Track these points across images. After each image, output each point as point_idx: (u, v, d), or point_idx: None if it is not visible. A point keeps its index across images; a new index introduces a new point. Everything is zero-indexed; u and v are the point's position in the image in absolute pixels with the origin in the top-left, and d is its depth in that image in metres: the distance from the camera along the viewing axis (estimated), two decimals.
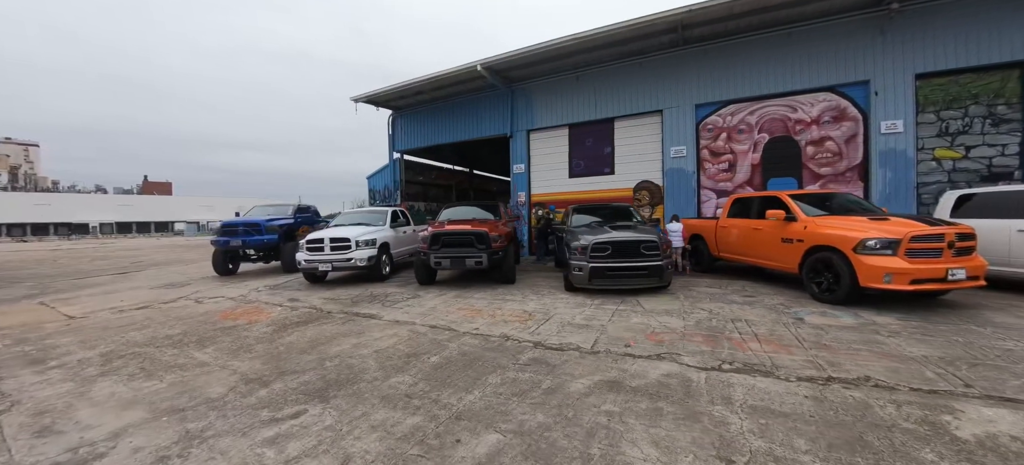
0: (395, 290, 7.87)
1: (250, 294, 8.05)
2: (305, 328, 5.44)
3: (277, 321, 5.87)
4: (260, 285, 9.11)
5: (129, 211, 68.66)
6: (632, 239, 6.80)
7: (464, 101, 14.48)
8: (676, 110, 11.36)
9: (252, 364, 4.11)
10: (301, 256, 8.27)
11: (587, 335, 4.81)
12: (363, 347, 4.58)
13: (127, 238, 55.31)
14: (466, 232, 7.61)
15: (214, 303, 7.35)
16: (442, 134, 15.18)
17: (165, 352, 4.59)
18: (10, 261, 17.74)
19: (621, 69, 11.94)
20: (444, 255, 7.49)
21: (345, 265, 8.03)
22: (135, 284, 10.17)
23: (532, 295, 7.13)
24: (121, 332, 5.53)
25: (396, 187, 16.41)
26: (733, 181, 11.00)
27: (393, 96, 14.68)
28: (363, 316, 6.00)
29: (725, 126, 11.04)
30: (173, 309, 6.92)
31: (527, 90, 13.24)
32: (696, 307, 6.05)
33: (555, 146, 13.02)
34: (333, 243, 8.14)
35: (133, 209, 69.33)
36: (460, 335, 4.95)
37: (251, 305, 7.03)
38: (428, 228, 8.08)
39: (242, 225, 10.36)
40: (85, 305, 7.57)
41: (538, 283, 8.29)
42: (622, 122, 12.11)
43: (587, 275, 6.70)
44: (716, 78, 10.97)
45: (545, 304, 6.41)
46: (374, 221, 9.70)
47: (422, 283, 8.09)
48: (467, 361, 4.07)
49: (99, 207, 67.24)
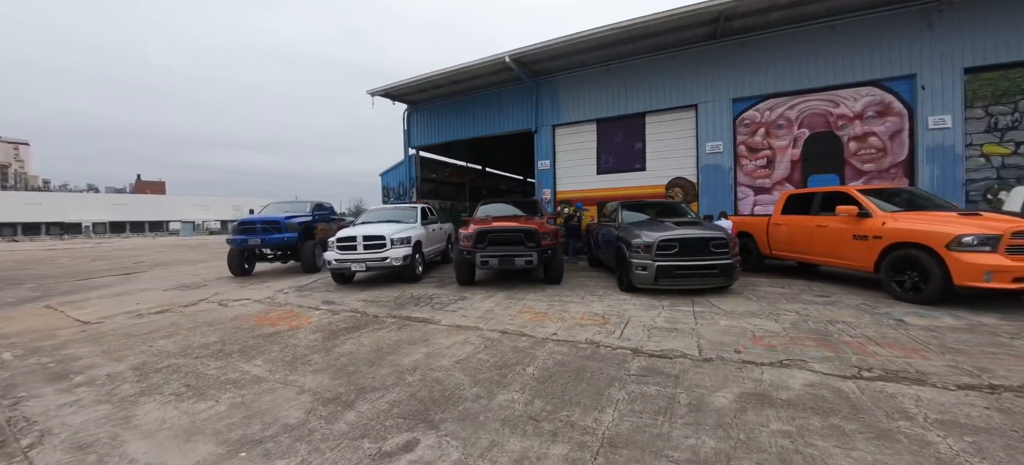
0: (436, 291, 7.23)
1: (277, 296, 7.36)
2: (358, 335, 4.80)
3: (322, 327, 5.22)
4: (285, 286, 8.41)
5: (123, 210, 66.76)
6: (701, 236, 6.26)
7: (485, 95, 13.86)
8: (712, 104, 10.87)
9: (319, 379, 3.48)
10: (331, 255, 7.60)
11: (684, 340, 4.27)
12: (439, 357, 3.96)
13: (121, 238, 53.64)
14: (515, 229, 7.02)
15: (241, 306, 6.66)
16: (460, 129, 14.54)
17: (208, 365, 3.93)
18: (5, 261, 16.71)
19: (653, 62, 11.42)
20: (492, 254, 6.88)
21: (379, 265, 7.38)
22: (144, 285, 9.40)
23: (589, 296, 6.56)
24: (147, 340, 4.84)
25: (412, 184, 15.72)
26: (771, 178, 10.55)
27: (410, 90, 14.01)
28: (417, 321, 5.37)
29: (763, 121, 10.58)
30: (197, 313, 6.23)
31: (553, 84, 12.67)
32: (777, 308, 5.54)
33: (582, 142, 12.46)
34: (367, 241, 7.48)
35: (127, 208, 67.43)
36: (541, 341, 4.35)
37: (284, 309, 6.35)
38: (470, 225, 7.47)
39: (260, 223, 9.64)
40: (97, 309, 6.83)
41: (586, 283, 7.72)
42: (654, 117, 11.60)
43: (653, 274, 6.15)
44: (754, 72, 10.50)
45: (611, 306, 5.84)
46: (405, 218, 9.05)
47: (463, 283, 7.47)
48: (571, 372, 3.49)
49: (92, 206, 65.29)
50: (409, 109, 15.60)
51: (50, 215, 59.82)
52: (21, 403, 3.18)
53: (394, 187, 16.43)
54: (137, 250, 23.88)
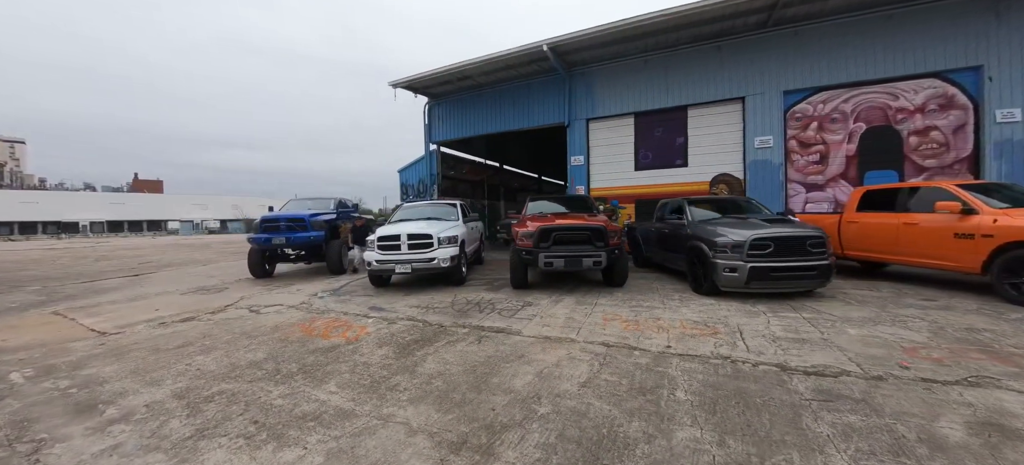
0: (491, 295, 6.46)
1: (313, 301, 6.56)
2: (435, 350, 4.03)
3: (385, 339, 4.44)
4: (317, 289, 7.60)
5: (120, 209, 65.16)
6: (798, 234, 5.56)
7: (513, 88, 13.09)
8: (761, 97, 10.19)
9: (423, 412, 2.72)
10: (371, 255, 6.80)
11: (826, 353, 3.64)
12: (555, 379, 3.21)
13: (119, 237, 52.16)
14: (583, 227, 6.29)
15: (276, 313, 5.85)
16: (485, 124, 13.76)
17: (269, 392, 3.14)
18: (4, 262, 15.68)
19: (696, 52, 10.73)
20: (557, 254, 6.13)
21: (425, 266, 6.60)
22: (158, 288, 8.54)
23: (667, 300, 5.82)
24: (181, 356, 4.04)
25: (432, 181, 14.92)
26: (825, 174, 9.89)
27: (435, 81, 13.22)
28: (494, 331, 4.61)
29: (816, 115, 9.92)
30: (229, 322, 5.42)
31: (587, 75, 11.94)
32: (891, 313, 4.88)
33: (619, 136, 11.75)
34: (412, 240, 6.70)
35: (124, 207, 65.84)
36: (660, 357, 3.63)
37: (328, 317, 5.55)
38: (526, 223, 6.72)
39: (285, 220, 8.80)
40: (112, 316, 5.99)
41: (649, 285, 6.98)
42: (697, 110, 10.90)
43: (745, 276, 5.43)
44: (807, 63, 9.84)
45: (703, 312, 5.11)
46: (446, 215, 8.28)
47: (517, 287, 6.72)
48: (732, 397, 2.79)
49: (89, 205, 63.66)
50: (430, 103, 14.80)
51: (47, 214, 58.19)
52: (43, 450, 2.39)
53: (413, 184, 15.62)
54: (139, 250, 22.84)
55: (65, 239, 45.82)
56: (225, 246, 25.49)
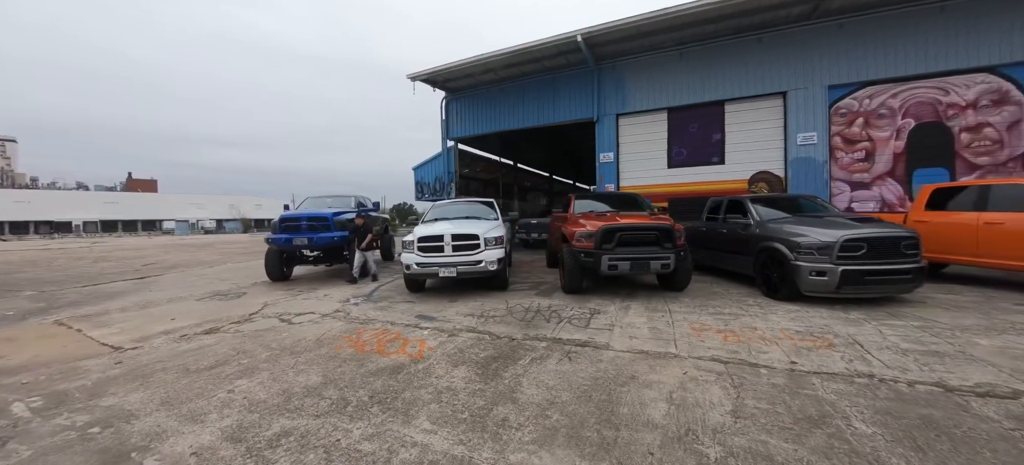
0: (546, 300, 5.81)
1: (349, 308, 5.88)
2: (523, 370, 3.39)
3: (453, 356, 3.79)
4: (346, 294, 6.92)
5: (114, 209, 63.50)
6: (891, 235, 5.01)
7: (537, 82, 12.46)
8: (804, 92, 9.67)
9: (565, 459, 2.07)
10: (410, 258, 6.13)
11: (981, 369, 3.23)
12: (693, 407, 2.61)
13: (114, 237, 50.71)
14: (650, 227, 5.69)
15: (313, 323, 5.16)
16: (506, 119, 13.11)
17: (347, 430, 2.49)
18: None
19: (735, 45, 10.18)
20: (623, 256, 5.52)
21: (472, 270, 5.95)
22: (169, 293, 7.78)
23: (746, 306, 5.22)
24: (218, 380, 3.35)
25: (450, 178, 14.24)
26: (871, 172, 9.39)
27: (456, 74, 12.54)
28: (577, 344, 3.97)
29: (862, 110, 9.41)
30: (261, 334, 4.72)
31: (617, 69, 11.35)
32: (999, 319, 4.38)
33: (651, 132, 11.17)
34: (457, 241, 6.04)
35: (119, 207, 64.16)
36: (798, 376, 3.05)
37: (374, 328, 4.88)
38: (584, 223, 6.10)
39: (306, 219, 8.08)
40: (124, 326, 5.27)
41: (712, 290, 6.37)
42: (735, 105, 10.36)
43: (837, 280, 4.86)
44: (852, 56, 9.33)
45: (798, 320, 4.51)
46: (484, 215, 7.63)
47: (572, 291, 6.09)
48: (930, 430, 2.23)
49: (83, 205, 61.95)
50: (448, 97, 14.11)
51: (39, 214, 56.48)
52: None
53: (429, 182, 14.92)
54: (140, 250, 21.85)
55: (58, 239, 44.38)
56: (227, 246, 24.59)
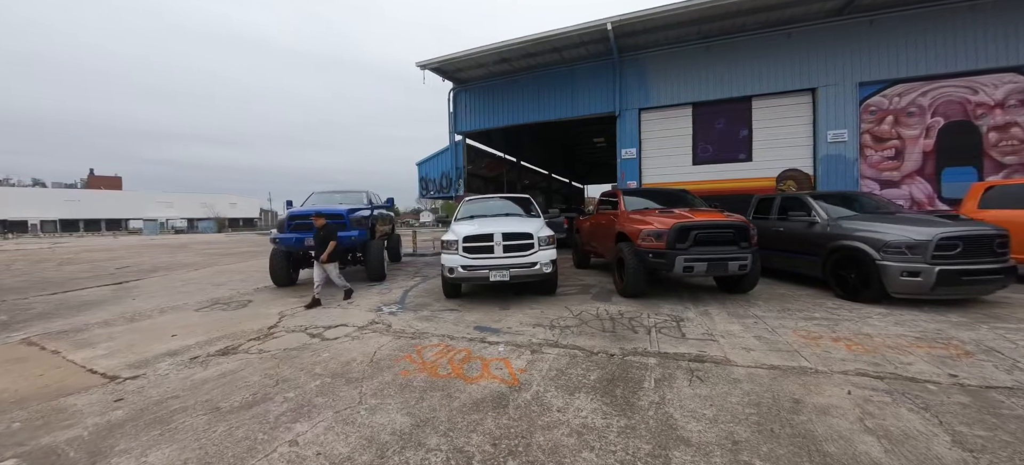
0: (611, 306, 5.15)
1: (386, 319, 5.04)
2: (659, 398, 2.73)
3: (556, 379, 3.07)
4: (374, 301, 6.06)
5: (75, 207, 58.80)
6: (985, 232, 4.64)
7: (554, 74, 11.79)
8: (834, 89, 9.40)
9: None
10: (454, 260, 5.33)
11: None
12: (905, 440, 2.03)
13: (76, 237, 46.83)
14: (727, 225, 5.12)
15: (351, 339, 4.31)
16: (519, 113, 12.38)
17: None
18: None
19: (763, 39, 9.83)
20: (699, 257, 4.93)
21: (526, 273, 5.22)
22: (157, 301, 6.69)
23: (833, 310, 4.72)
24: (267, 424, 2.53)
25: (458, 174, 13.39)
26: (901, 170, 9.21)
27: (468, 63, 11.72)
28: (691, 360, 3.34)
29: (892, 108, 9.22)
30: (296, 356, 3.86)
31: (639, 62, 10.82)
32: None
33: (675, 127, 10.70)
34: (508, 241, 5.29)
35: (80, 205, 59.43)
36: (978, 393, 2.54)
37: (433, 343, 4.09)
38: (650, 221, 5.46)
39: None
40: (113, 346, 4.28)
41: (774, 292, 5.86)
42: (762, 101, 10.01)
43: (932, 281, 4.45)
44: (882, 53, 9.12)
45: (904, 324, 4.03)
46: (525, 211, 6.90)
47: (633, 295, 5.46)
48: None
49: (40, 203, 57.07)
50: (455, 89, 13.24)
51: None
52: None
53: (435, 178, 14.00)
54: (109, 252, 19.87)
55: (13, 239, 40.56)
56: (206, 247, 22.83)
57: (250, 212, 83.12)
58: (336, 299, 6.23)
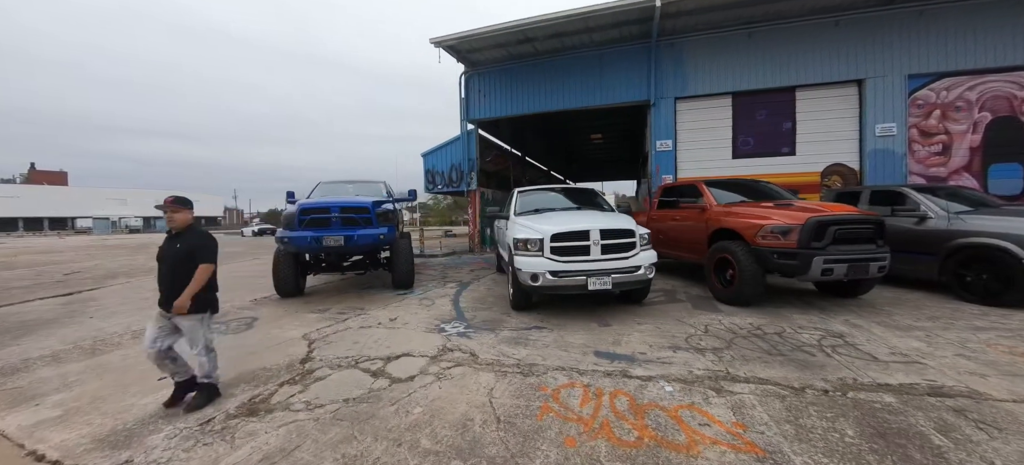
0: (737, 319, 4.13)
1: (469, 345, 3.80)
2: (940, 458, 1.67)
3: (791, 438, 2.00)
4: (425, 319, 4.76)
5: (14, 204, 52.31)
6: None
7: (581, 57, 10.73)
8: (882, 81, 8.88)
9: None
10: (538, 264, 4.14)
11: None
12: None
13: (14, 237, 41.47)
14: (867, 220, 4.23)
15: (429, 376, 3.07)
16: (540, 100, 11.24)
17: None
18: None
19: (810, 27, 9.19)
20: (839, 257, 4.01)
21: (629, 279, 4.14)
22: (123, 320, 5.13)
23: (979, 316, 3.91)
24: None
25: (470, 167, 12.09)
26: (948, 166, 8.81)
27: (487, 42, 10.46)
28: (931, 393, 2.34)
29: (939, 102, 8.80)
30: (367, 411, 2.61)
31: (676, 47, 9.96)
32: None
33: (714, 118, 9.92)
34: (606, 239, 4.16)
35: (19, 201, 52.92)
36: None
37: (560, 381, 2.91)
38: (770, 215, 4.49)
39: (339, 210, 5.70)
40: (70, 402, 2.88)
41: (882, 295, 5.06)
42: (807, 92, 9.38)
43: None
44: (930, 45, 8.68)
45: None
46: (598, 204, 5.78)
47: (746, 302, 4.49)
48: None
49: None
50: (467, 72, 11.93)
51: None
52: None
53: (443, 171, 12.62)
54: (53, 254, 17.10)
55: None
56: None
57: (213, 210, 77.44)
58: (367, 310, 4.88)
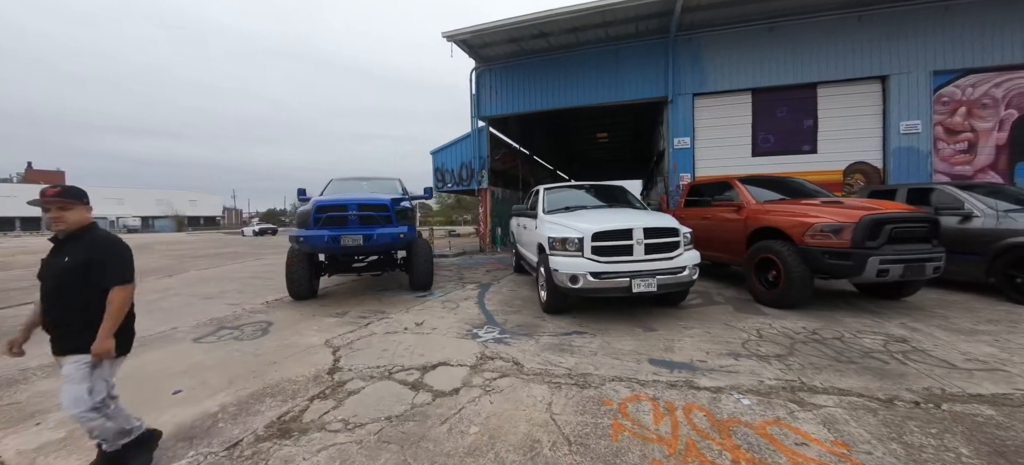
0: (785, 323, 3.87)
1: (510, 353, 3.53)
2: None
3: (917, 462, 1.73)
4: (454, 323, 4.49)
5: (11, 204, 51.69)
6: None
7: (596, 53, 10.46)
8: (906, 77, 8.67)
9: None
10: (577, 265, 3.86)
11: None
12: None
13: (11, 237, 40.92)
14: (923, 218, 3.99)
15: (475, 389, 2.82)
16: (553, 96, 10.96)
17: None
18: None
19: (833, 22, 8.97)
20: (895, 257, 3.77)
21: (674, 280, 3.88)
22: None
23: None
24: None
25: (481, 165, 11.80)
26: (973, 164, 8.61)
27: (500, 37, 10.18)
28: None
29: (964, 99, 8.59)
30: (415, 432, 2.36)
31: (694, 42, 9.71)
32: None
33: (733, 115, 9.68)
34: (650, 237, 3.90)
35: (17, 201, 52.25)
36: None
37: (627, 393, 2.67)
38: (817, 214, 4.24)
39: (357, 208, 5.41)
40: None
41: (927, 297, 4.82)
42: (828, 89, 9.15)
43: None
44: (956, 41, 8.47)
45: None
46: (631, 202, 5.52)
47: (793, 304, 4.24)
48: None
49: None
50: (478, 68, 11.65)
51: None
52: None
53: (453, 169, 12.33)
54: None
55: None
56: (171, 248, 20.01)
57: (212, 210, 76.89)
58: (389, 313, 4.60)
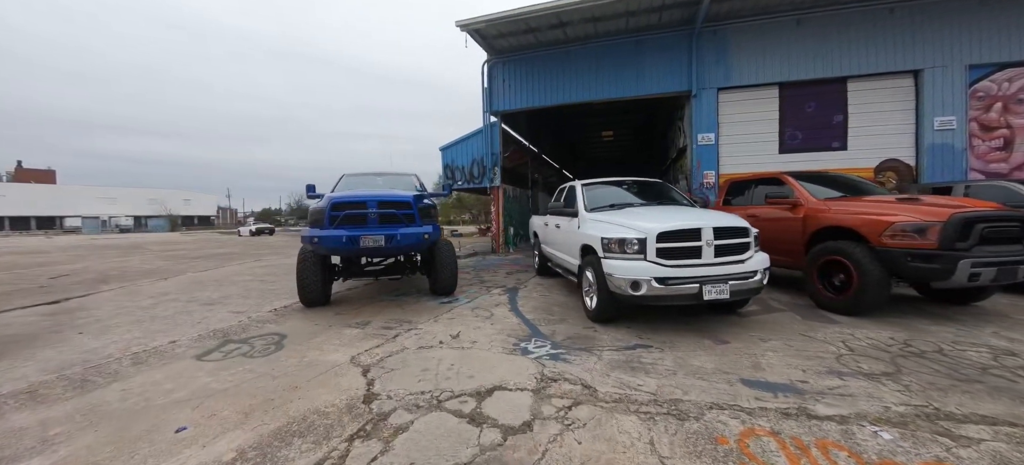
0: (870, 332, 3.43)
1: (575, 373, 3.05)
2: None
3: None
4: (491, 335, 4.00)
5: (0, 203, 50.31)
6: None
7: (616, 45, 10.02)
8: (941, 71, 8.31)
9: None
10: (640, 270, 3.40)
11: None
12: None
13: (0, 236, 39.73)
14: (1017, 218, 3.56)
15: (549, 421, 2.35)
16: (570, 90, 10.51)
17: None
18: None
19: (861, 14, 8.60)
20: (989, 259, 3.36)
21: (745, 286, 3.44)
22: (119, 337, 4.30)
23: None
24: None
25: (494, 161, 11.31)
26: (1009, 162, 8.27)
27: (516, 27, 9.71)
28: None
29: (1000, 94, 8.25)
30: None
31: (719, 34, 9.30)
32: None
33: (759, 111, 9.28)
34: (720, 238, 3.44)
35: (6, 201, 50.94)
36: None
37: (737, 426, 2.23)
38: (892, 211, 3.80)
39: (377, 206, 4.90)
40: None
41: (1013, 305, 4.40)
42: (859, 83, 8.77)
43: None
44: (992, 34, 8.14)
45: None
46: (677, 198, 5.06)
47: (868, 311, 3.82)
48: None
49: None
50: (491, 60, 11.15)
51: None
52: None
53: (464, 166, 11.82)
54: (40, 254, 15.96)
55: None
56: (166, 249, 19.28)
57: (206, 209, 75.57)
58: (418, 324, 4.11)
